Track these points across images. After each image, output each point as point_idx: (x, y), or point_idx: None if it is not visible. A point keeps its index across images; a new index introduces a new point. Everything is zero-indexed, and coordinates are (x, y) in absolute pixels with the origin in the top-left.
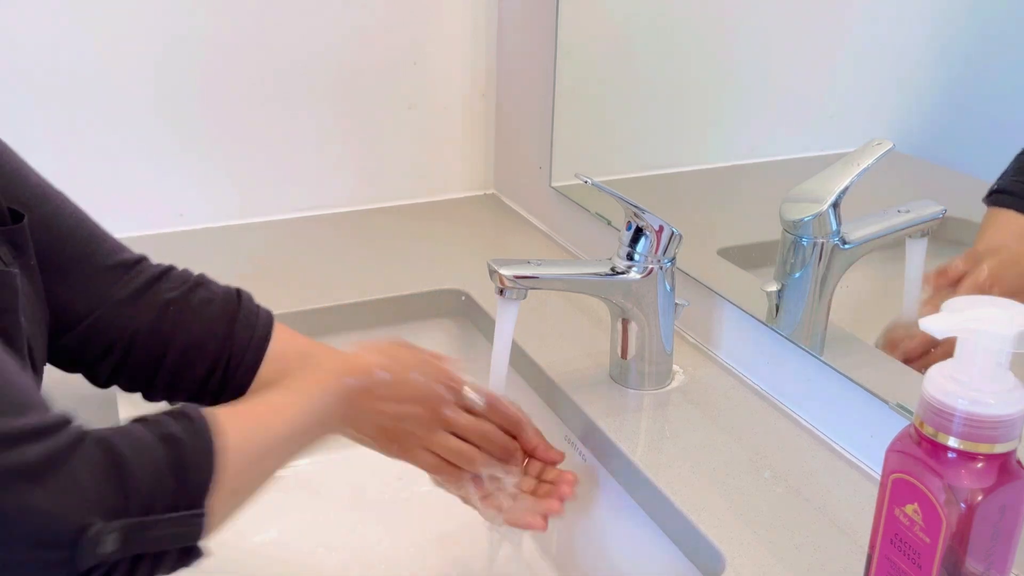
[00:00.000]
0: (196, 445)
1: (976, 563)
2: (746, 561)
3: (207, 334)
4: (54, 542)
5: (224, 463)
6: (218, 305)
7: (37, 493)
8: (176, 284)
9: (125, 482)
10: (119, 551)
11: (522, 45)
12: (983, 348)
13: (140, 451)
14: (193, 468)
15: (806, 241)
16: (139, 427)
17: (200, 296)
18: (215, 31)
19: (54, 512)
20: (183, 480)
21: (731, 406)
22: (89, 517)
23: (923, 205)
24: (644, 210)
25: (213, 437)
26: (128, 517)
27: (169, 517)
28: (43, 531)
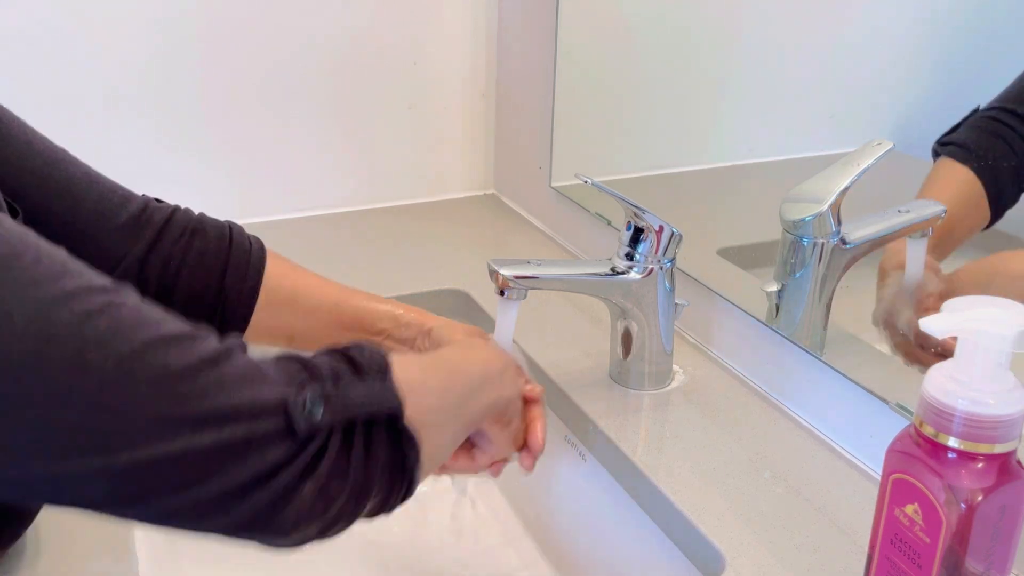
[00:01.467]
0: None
1: (976, 563)
2: (746, 561)
3: (202, 288)
4: (264, 409)
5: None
6: (211, 255)
7: (228, 370)
8: (176, 235)
9: (305, 363)
10: (328, 412)
11: (522, 45)
12: (983, 348)
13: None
14: (365, 356)
15: (806, 241)
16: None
17: (196, 248)
18: (215, 30)
19: (251, 386)
20: (359, 362)
21: (731, 406)
22: (284, 389)
23: (923, 205)
24: (644, 210)
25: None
26: (320, 383)
27: (362, 380)
28: (250, 401)
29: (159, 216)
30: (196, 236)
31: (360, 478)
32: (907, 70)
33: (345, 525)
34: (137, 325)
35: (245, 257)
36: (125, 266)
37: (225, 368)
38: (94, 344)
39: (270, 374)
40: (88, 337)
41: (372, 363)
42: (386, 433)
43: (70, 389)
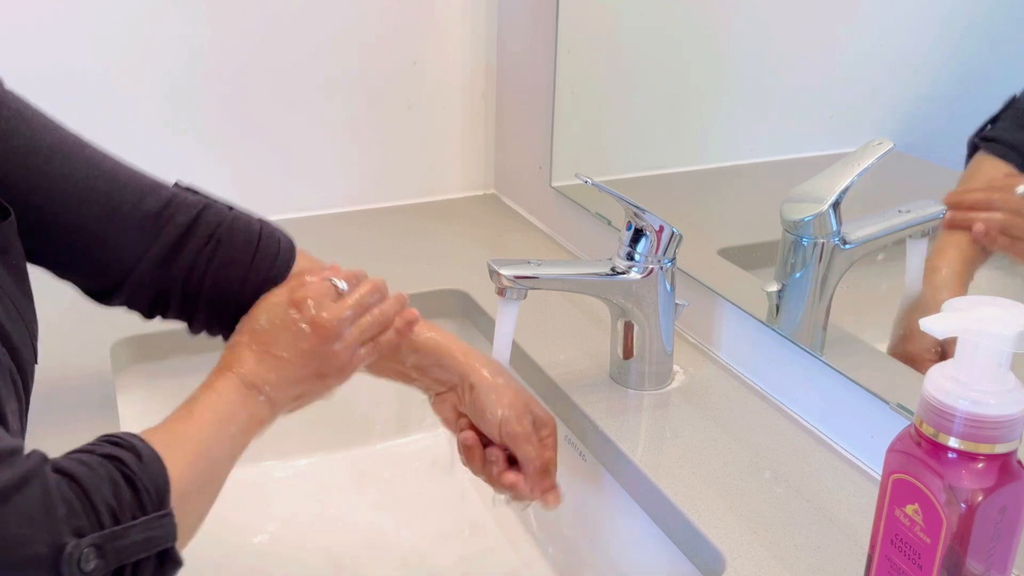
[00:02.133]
0: (137, 456)
1: (976, 563)
2: (746, 561)
3: (229, 287)
4: (36, 564)
5: (168, 464)
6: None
7: (8, 516)
8: (202, 241)
9: (89, 497)
10: (101, 565)
11: (522, 45)
12: (984, 348)
13: (92, 469)
14: (144, 475)
15: (806, 241)
16: (77, 454)
17: (219, 258)
18: (218, 33)
19: (29, 534)
20: (138, 488)
21: (731, 406)
22: (63, 537)
23: (923, 205)
24: (644, 210)
25: (149, 446)
26: (99, 531)
27: (139, 522)
28: (23, 554)
29: (184, 216)
30: (221, 245)
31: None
32: (907, 70)
33: None
34: None
35: (269, 267)
36: (141, 270)
37: (7, 507)
38: None
39: (54, 514)
40: None
41: (152, 487)
42: (156, 564)
43: None
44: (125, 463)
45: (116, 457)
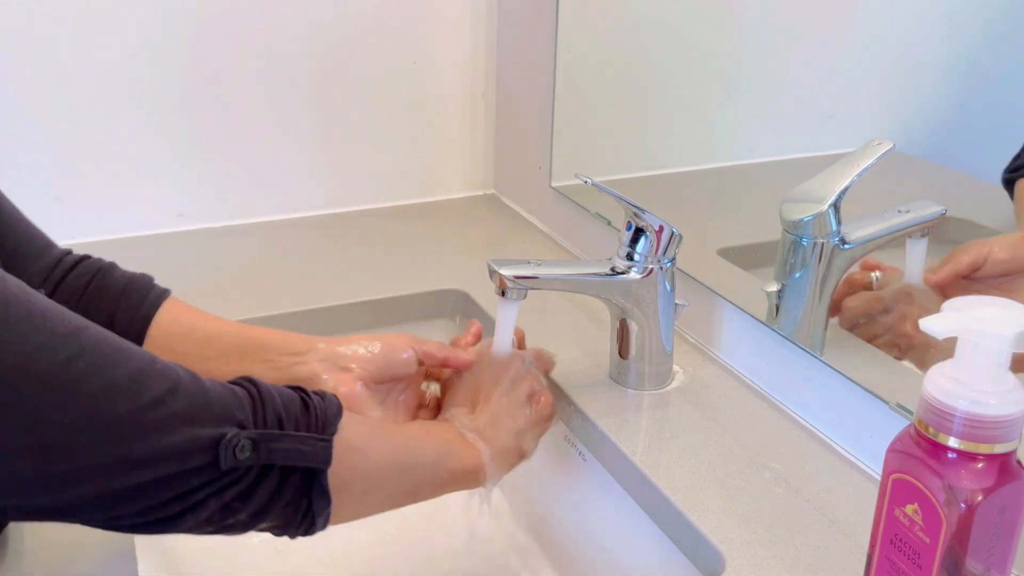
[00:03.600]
0: (321, 396)
1: (976, 563)
2: (746, 561)
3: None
4: (197, 449)
5: (350, 417)
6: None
7: (170, 413)
8: (81, 274)
9: (261, 399)
10: (252, 457)
11: (522, 45)
12: (983, 348)
13: (272, 385)
14: (319, 406)
15: (806, 241)
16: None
17: (96, 285)
18: (215, 31)
19: (188, 425)
20: (310, 410)
21: (731, 406)
22: (222, 425)
23: (923, 205)
24: (644, 210)
25: (337, 399)
26: (260, 427)
27: (298, 434)
28: (186, 443)
29: (69, 261)
30: (99, 275)
31: (260, 506)
32: (907, 70)
33: (238, 532)
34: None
35: (142, 294)
36: None
37: (169, 409)
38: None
39: (214, 407)
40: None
41: (322, 416)
42: (301, 481)
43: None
44: (308, 393)
45: (303, 389)
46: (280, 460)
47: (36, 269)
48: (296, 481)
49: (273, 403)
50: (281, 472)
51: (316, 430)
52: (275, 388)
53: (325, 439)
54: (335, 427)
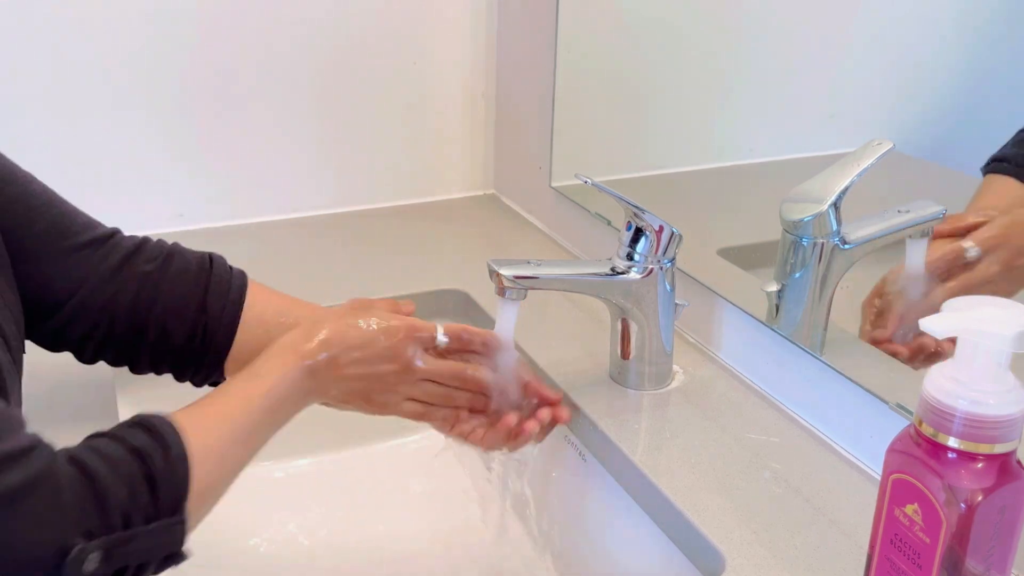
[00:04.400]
0: (165, 454)
1: (976, 563)
2: (746, 561)
3: (183, 304)
4: (38, 565)
5: (195, 466)
6: (192, 274)
7: (17, 519)
8: (152, 256)
9: (102, 499)
10: (103, 568)
11: (522, 45)
12: (983, 348)
13: (112, 466)
14: (166, 478)
15: (806, 241)
16: (105, 441)
17: (175, 267)
18: (216, 31)
19: (36, 537)
20: (157, 491)
21: (731, 406)
22: (71, 538)
23: (923, 205)
24: (644, 210)
25: (181, 443)
26: (108, 534)
27: (149, 528)
28: (27, 556)
29: (129, 242)
30: (174, 258)
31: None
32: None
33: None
34: None
35: (227, 279)
36: (88, 288)
37: (17, 510)
38: None
39: (66, 515)
40: None
41: (170, 490)
42: (160, 563)
43: None
44: (150, 462)
45: (143, 453)
46: (134, 560)
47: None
48: (154, 567)
49: (117, 496)
50: (137, 566)
51: (168, 512)
52: (113, 466)
53: (178, 521)
54: (186, 494)
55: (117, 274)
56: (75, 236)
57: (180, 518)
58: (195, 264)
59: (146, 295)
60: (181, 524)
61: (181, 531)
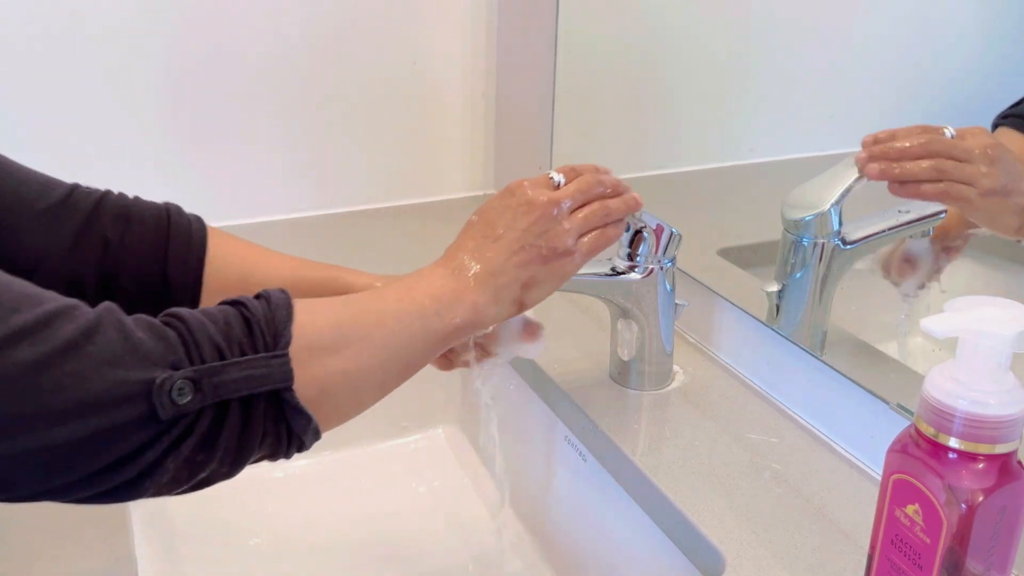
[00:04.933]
0: (267, 301)
1: (977, 564)
2: (746, 561)
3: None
4: (126, 401)
5: (300, 313)
6: (150, 237)
7: (84, 361)
8: (110, 219)
9: (189, 332)
10: (197, 398)
11: (522, 45)
12: (984, 348)
13: (205, 312)
14: (263, 315)
15: (806, 241)
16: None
17: (134, 232)
18: (212, 31)
19: (113, 375)
20: (253, 326)
21: (731, 406)
22: (153, 370)
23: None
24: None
25: (287, 296)
26: (196, 364)
27: (244, 359)
28: (111, 396)
29: (86, 202)
30: (132, 220)
31: (232, 448)
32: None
33: (219, 480)
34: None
35: (186, 238)
36: (53, 257)
37: (85, 353)
38: None
39: (140, 351)
40: None
41: (269, 327)
42: (268, 406)
43: None
44: (248, 306)
45: (241, 302)
46: (232, 393)
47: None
48: (262, 410)
49: (205, 331)
50: (242, 405)
51: (265, 347)
52: (206, 313)
53: (278, 355)
54: (287, 335)
55: (80, 241)
56: (34, 202)
57: (281, 351)
58: (152, 225)
59: (109, 264)
60: (282, 358)
61: (283, 365)
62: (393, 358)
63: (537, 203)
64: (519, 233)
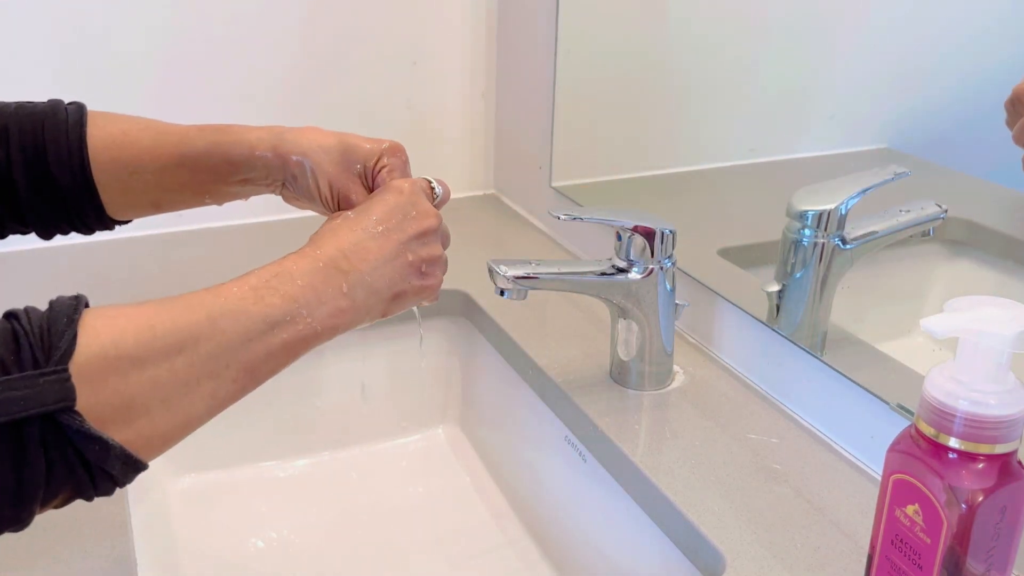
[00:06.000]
0: (49, 308)
1: (977, 564)
2: (746, 561)
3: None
4: None
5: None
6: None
7: None
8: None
9: None
10: None
11: (522, 45)
12: (984, 348)
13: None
14: (37, 329)
15: (807, 241)
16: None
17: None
18: (213, 30)
19: None
20: (21, 341)
21: (731, 406)
22: None
23: (923, 205)
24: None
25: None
26: None
27: (5, 379)
28: None
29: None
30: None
31: (8, 486)
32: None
33: (7, 527)
34: None
35: (62, 129)
36: None
37: None
38: None
39: None
40: None
41: (40, 342)
42: (45, 433)
43: None
44: (19, 319)
45: (14, 314)
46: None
47: None
48: (37, 437)
49: None
50: (10, 433)
51: (34, 364)
52: None
53: (49, 372)
54: (64, 347)
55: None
56: None
57: (53, 369)
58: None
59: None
60: (55, 375)
61: (55, 383)
62: (227, 365)
63: (431, 214)
64: (407, 238)
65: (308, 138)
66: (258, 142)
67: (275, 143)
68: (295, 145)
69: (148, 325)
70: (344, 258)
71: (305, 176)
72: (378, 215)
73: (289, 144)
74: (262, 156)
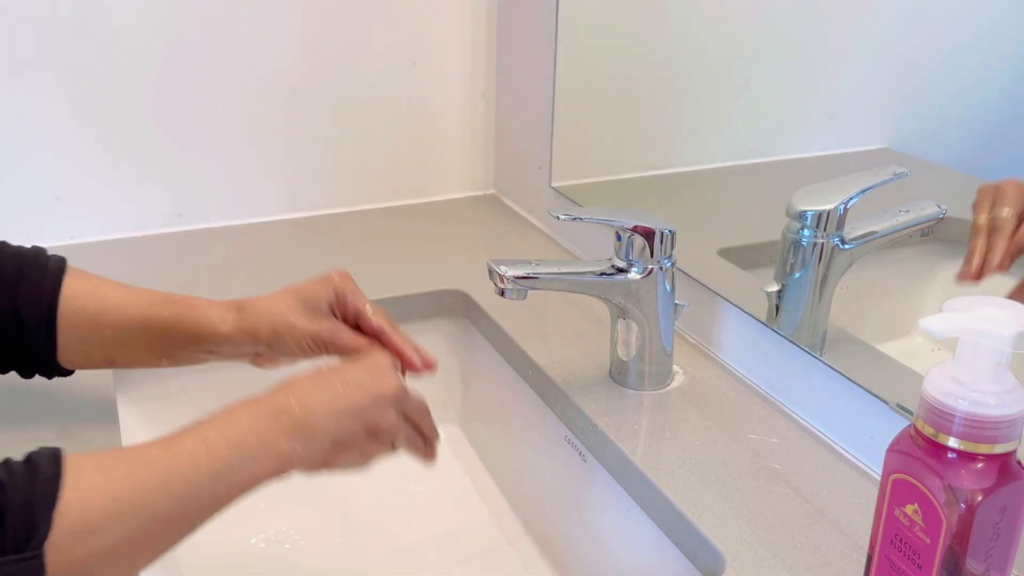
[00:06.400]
0: (30, 478)
1: (976, 564)
2: (746, 561)
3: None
4: None
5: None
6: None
7: None
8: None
9: None
10: None
11: (522, 45)
12: (983, 348)
13: None
14: (21, 505)
15: (806, 241)
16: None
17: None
18: (213, 30)
19: None
20: (6, 519)
21: (731, 406)
22: None
23: (923, 205)
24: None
25: (56, 468)
26: None
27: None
28: None
29: None
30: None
31: None
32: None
33: None
34: None
35: (40, 277)
36: None
37: None
38: None
39: None
40: None
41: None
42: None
43: None
44: (6, 490)
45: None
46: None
47: None
48: None
49: None
50: None
51: (15, 549)
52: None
53: (28, 556)
54: (45, 528)
55: None
56: None
57: (32, 554)
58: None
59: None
60: (33, 560)
61: (30, 569)
62: (177, 523)
63: (392, 384)
64: (364, 399)
65: (267, 308)
66: (221, 322)
67: (238, 323)
68: (258, 318)
69: (113, 496)
70: (293, 404)
71: (282, 342)
72: (344, 375)
73: (251, 319)
74: (228, 335)
